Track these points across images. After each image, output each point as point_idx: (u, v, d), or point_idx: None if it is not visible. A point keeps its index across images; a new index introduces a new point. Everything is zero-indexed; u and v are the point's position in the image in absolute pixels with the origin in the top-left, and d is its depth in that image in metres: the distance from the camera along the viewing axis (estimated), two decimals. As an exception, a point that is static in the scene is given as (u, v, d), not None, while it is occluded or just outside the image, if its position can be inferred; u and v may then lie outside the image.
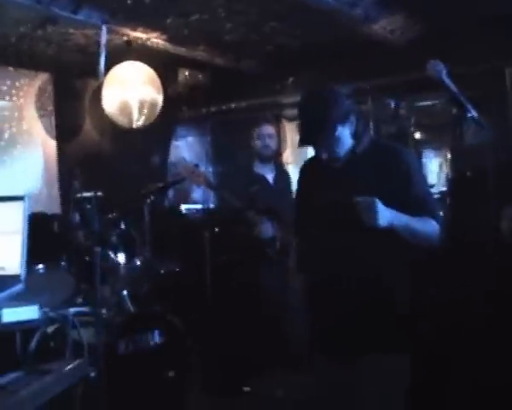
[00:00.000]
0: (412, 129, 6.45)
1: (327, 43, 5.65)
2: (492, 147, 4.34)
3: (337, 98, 2.95)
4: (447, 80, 2.75)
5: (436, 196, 6.62)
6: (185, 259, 5.70)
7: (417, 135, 6.66)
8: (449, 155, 6.21)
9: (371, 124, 6.44)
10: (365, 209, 2.66)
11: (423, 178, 3.16)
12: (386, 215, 2.69)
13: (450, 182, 5.97)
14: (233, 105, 6.73)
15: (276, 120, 6.39)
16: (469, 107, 2.93)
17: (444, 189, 6.39)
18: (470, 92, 4.06)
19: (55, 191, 6.12)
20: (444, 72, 2.75)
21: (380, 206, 2.66)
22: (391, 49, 5.70)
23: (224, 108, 6.80)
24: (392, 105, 6.29)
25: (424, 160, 6.83)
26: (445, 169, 6.48)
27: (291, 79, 6.52)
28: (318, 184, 3.07)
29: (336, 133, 2.88)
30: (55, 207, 5.94)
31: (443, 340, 4.47)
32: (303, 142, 2.98)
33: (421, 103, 6.35)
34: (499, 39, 5.19)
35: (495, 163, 4.27)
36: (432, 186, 6.76)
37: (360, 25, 5.19)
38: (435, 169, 6.90)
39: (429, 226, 2.89)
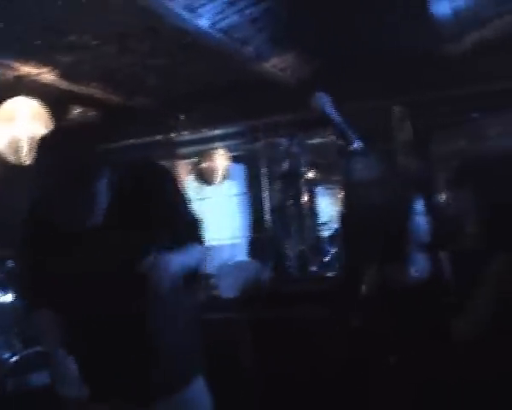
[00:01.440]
0: (305, 168, 6.55)
1: (218, 81, 5.70)
2: (379, 182, 4.46)
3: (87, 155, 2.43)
4: (331, 112, 2.80)
5: (330, 234, 6.76)
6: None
7: (310, 174, 6.76)
8: (340, 192, 6.31)
9: (264, 162, 6.52)
10: (154, 271, 2.44)
11: (185, 199, 2.83)
12: (173, 266, 2.50)
13: (342, 219, 6.07)
14: (126, 143, 6.66)
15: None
16: (354, 138, 2.99)
17: (336, 226, 6.50)
18: (357, 128, 4.19)
19: None
20: (328, 104, 2.79)
21: (167, 260, 2.48)
22: (282, 88, 5.79)
23: (116, 146, 6.72)
24: (284, 143, 6.38)
25: (318, 198, 6.94)
26: (338, 206, 6.59)
27: (183, 117, 6.53)
28: (66, 246, 2.53)
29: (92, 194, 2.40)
30: None
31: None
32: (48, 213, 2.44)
33: (314, 141, 6.46)
34: (386, 77, 5.39)
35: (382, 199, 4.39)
36: (325, 224, 6.89)
37: (251, 63, 5.27)
38: (328, 207, 7.02)
39: (199, 254, 2.75)
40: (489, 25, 4.83)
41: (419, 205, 4.10)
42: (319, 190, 7.00)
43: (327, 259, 6.51)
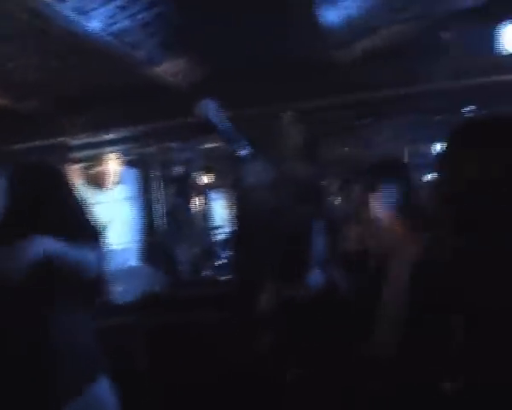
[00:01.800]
0: (197, 172, 6.57)
1: (110, 85, 5.65)
2: (271, 187, 4.50)
3: None
4: (216, 119, 2.79)
5: (223, 238, 6.79)
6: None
7: (203, 178, 6.79)
8: (233, 197, 6.36)
9: (156, 167, 6.52)
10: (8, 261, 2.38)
11: (79, 201, 2.85)
12: (36, 245, 2.42)
13: (234, 224, 6.10)
14: (16, 147, 6.51)
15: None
16: (243, 144, 3.01)
17: (229, 230, 6.54)
18: (248, 134, 4.21)
19: None
20: (213, 110, 2.79)
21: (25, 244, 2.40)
22: (174, 92, 5.80)
23: (6, 149, 6.56)
24: (177, 148, 6.38)
25: (211, 202, 6.97)
26: (231, 211, 6.63)
27: (75, 121, 6.43)
28: None
29: None
30: None
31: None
32: None
33: (207, 146, 6.48)
34: (276, 83, 5.46)
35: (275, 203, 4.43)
36: (218, 227, 6.93)
37: (143, 67, 5.25)
38: (221, 211, 7.05)
39: (89, 254, 2.69)
40: (379, 33, 4.98)
41: (312, 213, 4.15)
42: (212, 194, 7.02)
43: (220, 262, 6.53)
